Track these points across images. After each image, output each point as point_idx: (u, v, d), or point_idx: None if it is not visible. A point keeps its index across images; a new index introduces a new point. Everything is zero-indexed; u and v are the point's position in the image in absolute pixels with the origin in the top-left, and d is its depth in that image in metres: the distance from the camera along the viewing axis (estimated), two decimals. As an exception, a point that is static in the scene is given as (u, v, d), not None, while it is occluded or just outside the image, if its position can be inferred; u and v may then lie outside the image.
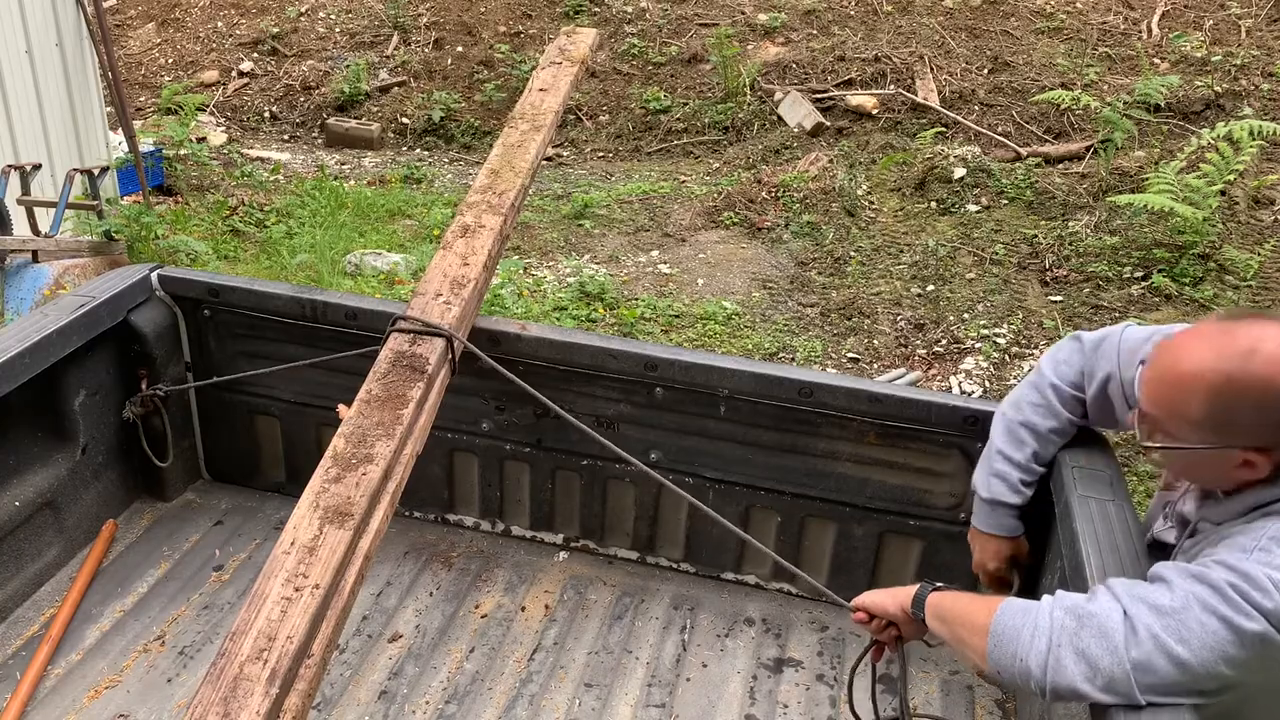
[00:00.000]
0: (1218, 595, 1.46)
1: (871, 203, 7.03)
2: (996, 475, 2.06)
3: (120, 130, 6.71)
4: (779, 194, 6.98)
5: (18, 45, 5.88)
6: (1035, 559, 2.17)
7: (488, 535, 2.74)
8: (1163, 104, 7.50)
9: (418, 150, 8.81)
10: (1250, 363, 1.52)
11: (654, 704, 2.25)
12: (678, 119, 8.58)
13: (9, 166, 5.49)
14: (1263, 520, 1.58)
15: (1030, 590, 2.19)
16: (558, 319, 5.61)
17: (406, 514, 2.75)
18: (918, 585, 1.80)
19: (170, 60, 9.87)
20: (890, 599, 1.84)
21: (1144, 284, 5.79)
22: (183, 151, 7.41)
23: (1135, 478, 4.43)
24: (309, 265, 6.21)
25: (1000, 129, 7.87)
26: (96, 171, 5.93)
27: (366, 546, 1.81)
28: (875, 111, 8.19)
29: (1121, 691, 1.47)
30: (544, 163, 6.84)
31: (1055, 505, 2.07)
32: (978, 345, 5.44)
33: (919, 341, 5.52)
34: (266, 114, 9.28)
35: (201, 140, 8.10)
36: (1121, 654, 1.47)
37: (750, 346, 5.46)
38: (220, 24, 10.17)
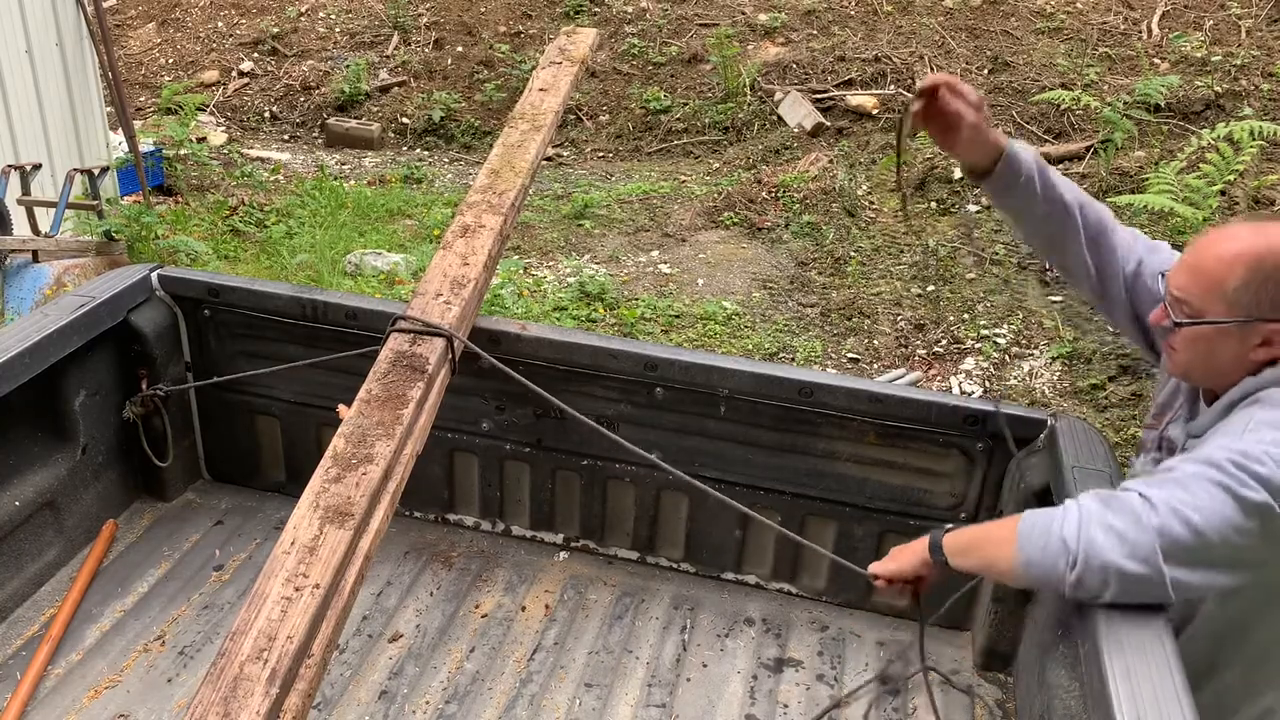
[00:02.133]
0: (1220, 470, 1.60)
1: (871, 203, 7.03)
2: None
3: (120, 130, 6.71)
4: (779, 194, 6.98)
5: (18, 45, 5.88)
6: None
7: (488, 535, 2.74)
8: (1163, 104, 7.50)
9: (418, 150, 8.81)
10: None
11: (654, 704, 2.25)
12: (678, 119, 8.58)
13: (9, 166, 5.49)
14: (1245, 410, 1.73)
15: (1027, 595, 2.19)
16: (558, 319, 5.61)
17: (406, 514, 2.75)
18: (927, 536, 1.88)
19: (170, 60, 9.87)
20: (907, 558, 1.91)
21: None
22: (183, 151, 7.41)
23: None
24: (309, 265, 6.21)
25: (1000, 129, 7.87)
26: (96, 171, 5.93)
27: (366, 546, 1.81)
28: (875, 111, 8.19)
29: (1148, 559, 1.59)
30: (544, 163, 6.84)
31: (1055, 505, 2.07)
32: (978, 345, 5.44)
33: (919, 341, 5.52)
34: (266, 114, 9.28)
35: (201, 140, 8.09)
36: (1145, 523, 1.59)
37: (750, 346, 5.46)
38: (220, 24, 10.17)
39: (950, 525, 1.89)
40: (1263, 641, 1.83)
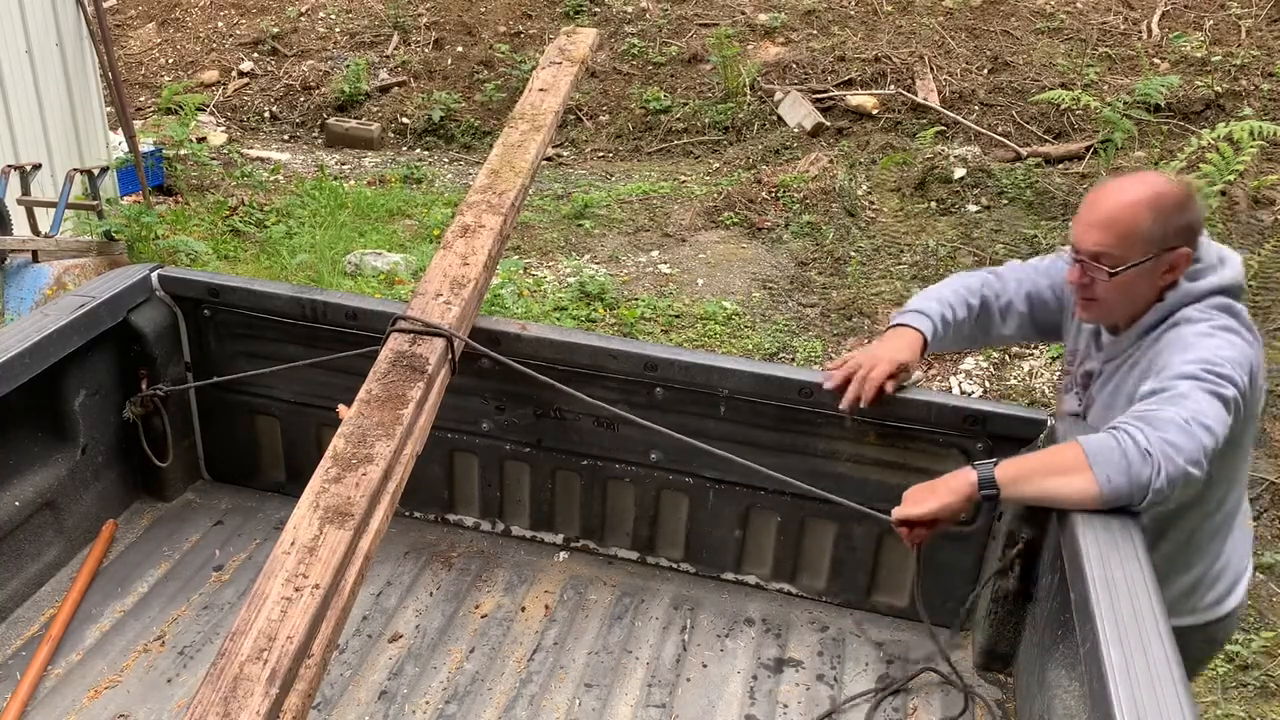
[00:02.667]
0: (1200, 381, 1.90)
1: (871, 203, 7.04)
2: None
3: (120, 130, 6.71)
4: (779, 194, 6.98)
5: (18, 45, 5.88)
6: (1034, 558, 2.18)
7: (488, 535, 2.74)
8: (1163, 104, 7.50)
9: (418, 150, 8.81)
10: (1159, 182, 2.07)
11: (654, 704, 2.25)
12: (678, 119, 8.58)
13: (9, 166, 5.49)
14: (1173, 331, 2.05)
15: (1027, 595, 2.19)
16: (558, 319, 5.61)
17: (406, 514, 2.75)
18: (966, 471, 2.00)
19: (170, 60, 9.87)
20: (945, 496, 2.01)
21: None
22: (183, 151, 7.41)
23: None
24: (309, 265, 6.21)
25: (1000, 129, 7.87)
26: (96, 171, 5.93)
27: (366, 546, 1.81)
28: (875, 111, 8.19)
29: (1200, 462, 1.85)
30: (544, 163, 6.84)
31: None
32: (978, 345, 5.44)
33: (919, 341, 5.51)
34: (266, 114, 9.28)
35: (201, 140, 8.09)
36: (1191, 432, 1.84)
37: (750, 346, 5.46)
38: (220, 24, 10.17)
39: (991, 459, 2.01)
40: (1191, 524, 2.16)
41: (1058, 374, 2.41)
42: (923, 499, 2.04)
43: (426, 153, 8.76)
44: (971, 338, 2.43)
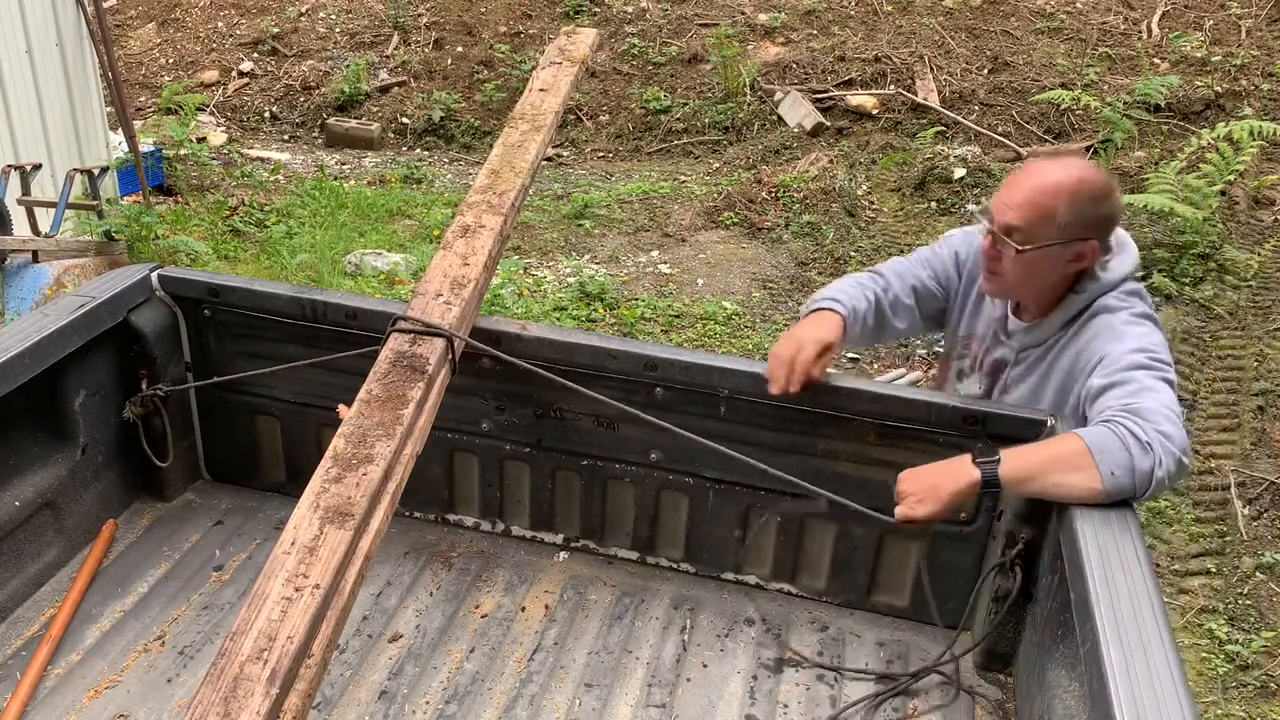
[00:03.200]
0: (1150, 370, 2.01)
1: (871, 203, 7.04)
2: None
3: (120, 130, 6.71)
4: (779, 194, 6.98)
5: (18, 45, 5.88)
6: (1034, 559, 2.18)
7: (488, 535, 2.74)
8: (1163, 104, 7.50)
9: (418, 150, 8.82)
10: (1085, 170, 2.11)
11: (654, 704, 2.25)
12: (678, 119, 8.58)
13: (9, 166, 5.49)
14: (1100, 319, 2.14)
15: (1027, 595, 2.19)
16: (558, 319, 5.61)
17: (406, 514, 2.75)
18: (969, 468, 2.00)
19: (170, 60, 9.87)
20: (947, 499, 2.01)
21: (1144, 284, 5.79)
22: (183, 151, 7.41)
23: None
24: (309, 265, 6.21)
25: (1000, 129, 7.87)
26: (96, 171, 5.93)
27: (366, 546, 1.81)
28: (875, 111, 8.19)
29: (1187, 450, 1.92)
30: (544, 163, 6.84)
31: (1055, 505, 2.07)
32: (978, 345, 5.43)
33: (919, 341, 5.52)
34: (266, 114, 9.29)
35: (201, 140, 8.10)
36: (1177, 423, 1.92)
37: (750, 346, 5.46)
38: (220, 24, 10.18)
39: (992, 457, 2.00)
40: None
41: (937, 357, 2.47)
42: (924, 498, 2.04)
43: (426, 153, 8.76)
44: (873, 333, 2.47)
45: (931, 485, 2.05)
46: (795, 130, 8.12)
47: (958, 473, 2.03)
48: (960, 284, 2.46)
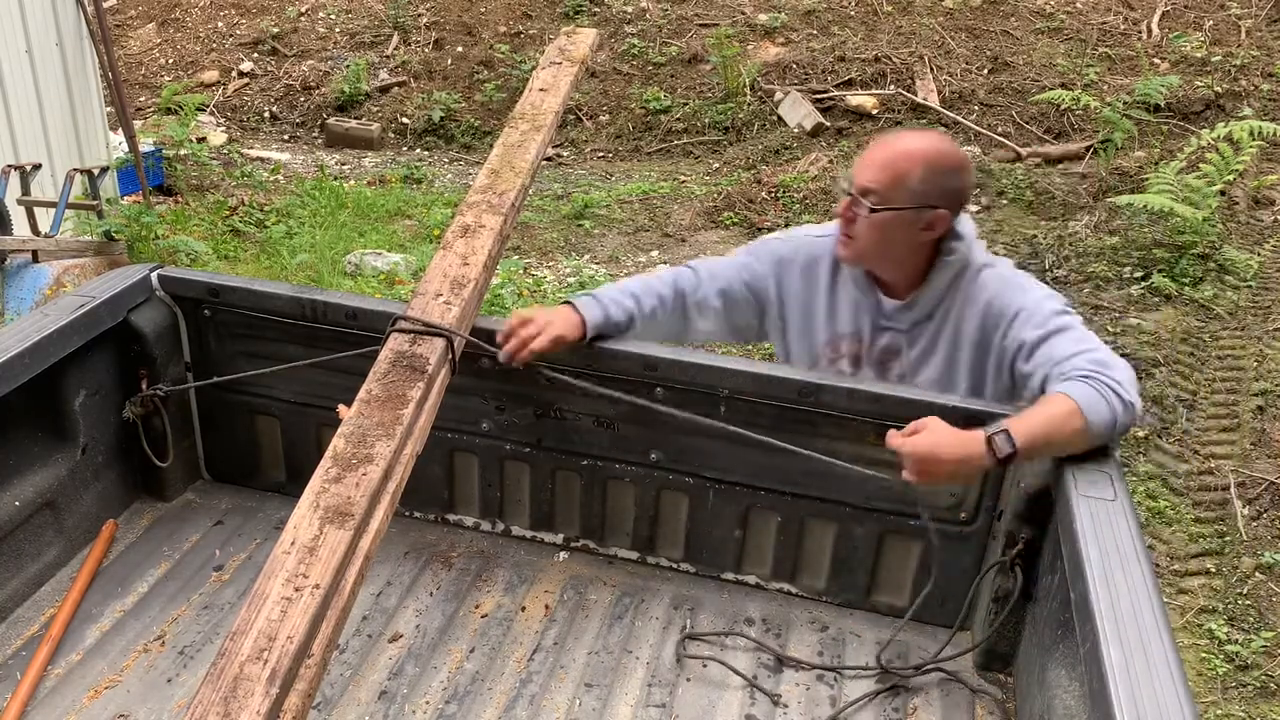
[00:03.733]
0: (1071, 317, 2.15)
1: (871, 203, 7.03)
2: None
3: (120, 130, 6.72)
4: (779, 194, 6.98)
5: (18, 45, 5.88)
6: (1034, 558, 2.18)
7: (488, 535, 2.74)
8: (1163, 104, 7.50)
9: (418, 150, 8.82)
10: (944, 144, 2.22)
11: (654, 704, 2.25)
12: (678, 119, 8.58)
13: (9, 166, 5.49)
14: (978, 278, 2.24)
15: (1027, 595, 2.19)
16: (558, 319, 5.59)
17: (406, 514, 2.75)
18: (983, 440, 2.00)
19: (170, 60, 9.87)
20: (960, 459, 2.03)
21: (1144, 284, 5.79)
22: (183, 151, 7.42)
23: (1135, 478, 4.44)
24: (309, 265, 6.21)
25: (1000, 129, 7.87)
26: (96, 171, 5.93)
27: (366, 546, 1.81)
28: (875, 111, 8.19)
29: (1140, 392, 2.07)
30: (544, 163, 6.84)
31: (1055, 505, 2.07)
32: (978, 345, 5.43)
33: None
34: (266, 114, 9.28)
35: (201, 140, 8.10)
36: (1127, 370, 2.06)
37: (750, 346, 5.46)
38: (220, 24, 10.17)
39: (1003, 429, 2.00)
40: None
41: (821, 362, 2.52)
42: (934, 471, 2.06)
43: (426, 153, 8.76)
44: (670, 329, 2.51)
45: (942, 463, 2.06)
46: (795, 130, 8.12)
47: (969, 450, 2.03)
48: (775, 296, 2.48)
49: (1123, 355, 5.32)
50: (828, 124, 8.10)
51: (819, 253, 2.42)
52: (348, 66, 9.35)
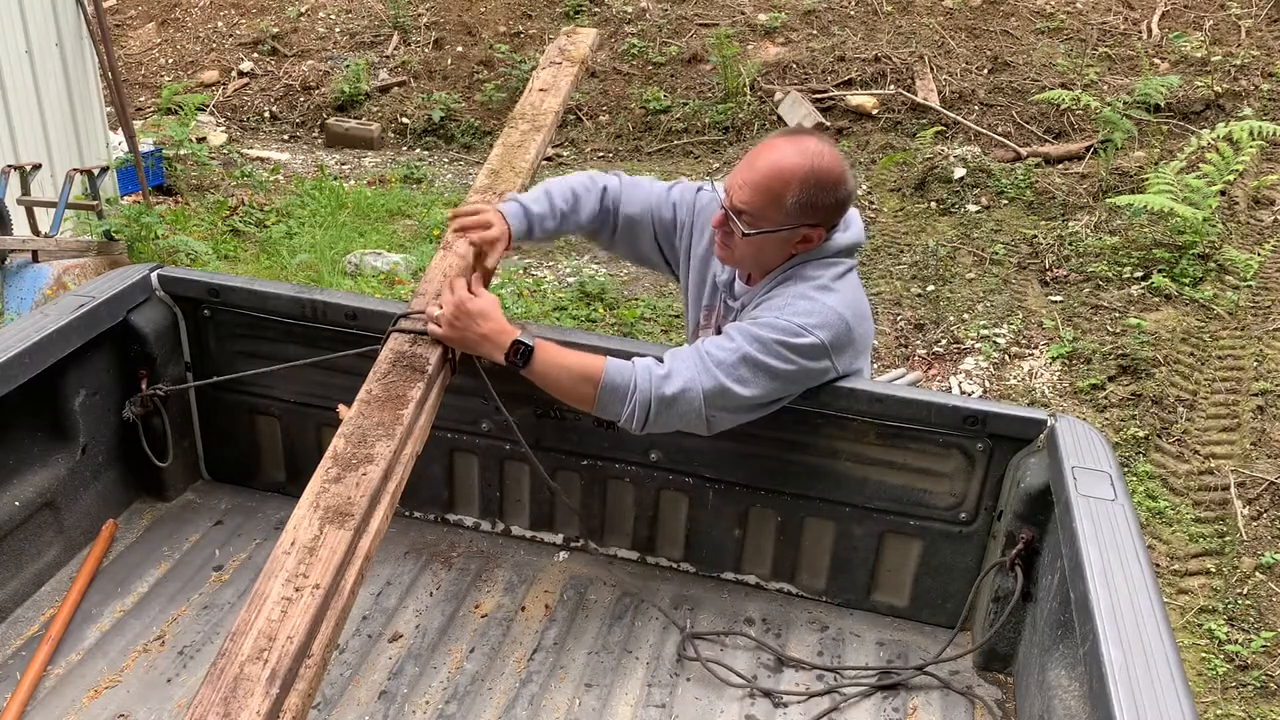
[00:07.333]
0: (764, 349, 2.11)
1: (871, 202, 7.04)
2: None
3: (120, 130, 6.71)
4: (779, 194, 6.97)
5: (18, 45, 5.88)
6: (1034, 559, 2.18)
7: (488, 535, 2.74)
8: (1163, 104, 7.50)
9: (418, 150, 8.81)
10: (820, 157, 2.13)
11: (654, 704, 2.25)
12: (678, 119, 8.58)
13: (9, 166, 5.49)
14: (780, 287, 2.21)
15: (1027, 595, 2.20)
16: (558, 319, 5.61)
17: (406, 514, 2.75)
18: (512, 339, 2.10)
19: (170, 60, 9.87)
20: (484, 335, 2.12)
21: (1144, 284, 5.79)
22: (183, 151, 7.41)
23: (1135, 478, 4.44)
24: (309, 265, 6.21)
25: (1000, 129, 7.87)
26: (96, 171, 5.93)
27: (366, 546, 1.81)
28: (875, 111, 8.19)
29: (691, 398, 2.12)
30: (544, 163, 6.84)
31: (1055, 505, 2.07)
32: (977, 345, 5.44)
33: (919, 341, 5.52)
34: (266, 114, 9.28)
35: (201, 140, 8.10)
36: (684, 397, 2.12)
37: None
38: (220, 24, 10.17)
39: (530, 340, 2.11)
40: None
41: (691, 329, 2.60)
42: (463, 329, 2.12)
43: (426, 153, 8.75)
44: (589, 227, 2.53)
45: (476, 333, 2.12)
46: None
47: (499, 338, 2.12)
48: (685, 246, 2.53)
49: (1123, 355, 5.30)
50: (828, 124, 8.10)
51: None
52: (348, 66, 9.34)
